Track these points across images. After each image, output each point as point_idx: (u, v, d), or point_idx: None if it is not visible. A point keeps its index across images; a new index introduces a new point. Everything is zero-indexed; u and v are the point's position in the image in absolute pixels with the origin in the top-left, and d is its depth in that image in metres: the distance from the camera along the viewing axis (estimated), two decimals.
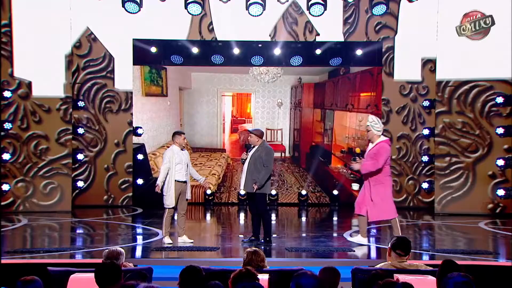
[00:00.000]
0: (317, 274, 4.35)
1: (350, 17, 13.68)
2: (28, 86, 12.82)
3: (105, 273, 4.38)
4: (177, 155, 8.98)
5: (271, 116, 15.07)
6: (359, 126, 14.64)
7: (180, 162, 8.96)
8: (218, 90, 15.04)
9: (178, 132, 9.22)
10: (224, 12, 13.16)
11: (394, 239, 5.34)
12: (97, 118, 13.77)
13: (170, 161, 8.90)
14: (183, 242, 9.07)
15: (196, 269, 4.37)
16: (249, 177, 8.81)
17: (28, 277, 4.20)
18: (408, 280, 4.44)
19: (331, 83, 14.97)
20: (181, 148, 9.09)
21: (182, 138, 9.12)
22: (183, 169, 9.01)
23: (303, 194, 14.51)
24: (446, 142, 13.08)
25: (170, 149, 9.10)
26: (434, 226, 11.67)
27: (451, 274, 4.04)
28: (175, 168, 8.92)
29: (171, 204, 8.93)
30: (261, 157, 8.81)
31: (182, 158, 9.00)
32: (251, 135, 8.99)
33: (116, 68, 13.74)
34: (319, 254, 8.43)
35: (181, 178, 8.99)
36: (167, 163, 8.91)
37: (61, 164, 12.94)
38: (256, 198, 8.89)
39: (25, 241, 10.06)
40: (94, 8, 13.00)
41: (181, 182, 8.99)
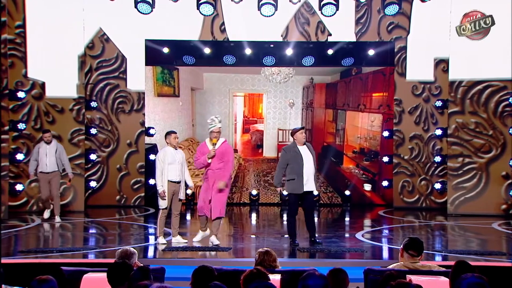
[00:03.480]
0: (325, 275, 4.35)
1: (362, 17, 13.65)
2: (41, 87, 12.91)
3: (117, 273, 4.40)
4: (169, 154, 8.98)
5: (283, 116, 15.06)
6: (371, 127, 14.61)
7: (173, 162, 8.96)
8: (230, 91, 15.06)
9: (169, 132, 9.22)
10: (236, 13, 13.17)
11: (407, 239, 5.32)
12: (110, 118, 13.83)
13: (162, 161, 8.93)
14: (177, 242, 9.10)
15: (209, 269, 4.38)
16: (315, 177, 8.92)
17: (43, 276, 4.23)
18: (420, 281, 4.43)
19: (343, 83, 14.94)
20: (174, 148, 9.09)
21: (173, 137, 9.09)
22: (177, 169, 9.00)
23: (315, 194, 14.41)
24: (459, 143, 13.00)
25: (162, 150, 9.16)
26: (447, 227, 11.61)
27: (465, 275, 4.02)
28: (167, 168, 8.92)
29: (164, 205, 8.98)
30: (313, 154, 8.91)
31: (175, 158, 8.99)
32: (304, 133, 8.96)
33: (128, 69, 13.79)
34: (331, 254, 8.42)
35: (175, 178, 9.00)
36: (160, 165, 8.95)
37: (74, 164, 12.99)
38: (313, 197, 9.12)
39: (38, 241, 10.12)
40: (107, 9, 13.05)
41: (174, 182, 9.00)
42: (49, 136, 11.36)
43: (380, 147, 14.43)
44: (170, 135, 9.12)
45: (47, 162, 11.26)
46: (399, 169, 13.86)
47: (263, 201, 14.54)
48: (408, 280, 4.50)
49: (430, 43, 13.39)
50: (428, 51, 13.50)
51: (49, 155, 11.27)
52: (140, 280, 4.21)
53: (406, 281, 4.26)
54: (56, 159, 11.32)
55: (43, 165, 11.27)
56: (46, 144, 11.31)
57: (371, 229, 11.29)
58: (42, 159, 11.26)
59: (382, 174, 14.33)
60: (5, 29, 11.85)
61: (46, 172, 11.29)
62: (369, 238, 9.92)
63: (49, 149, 11.28)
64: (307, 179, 8.84)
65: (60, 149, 11.44)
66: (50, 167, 11.27)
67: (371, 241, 9.62)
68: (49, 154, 11.27)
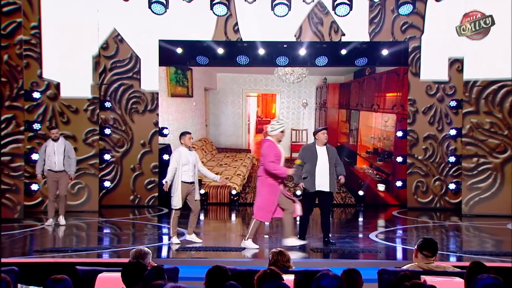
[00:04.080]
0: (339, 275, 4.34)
1: (376, 17, 13.60)
2: (56, 87, 13.00)
3: (132, 273, 4.42)
4: (184, 155, 8.98)
5: (296, 116, 15.05)
6: (385, 127, 14.55)
7: (187, 163, 8.97)
8: (243, 91, 15.08)
9: (184, 133, 9.21)
10: (249, 13, 13.18)
11: (421, 240, 5.29)
12: (124, 118, 13.90)
13: (177, 162, 8.95)
14: (191, 241, 9.12)
15: (223, 269, 4.39)
16: (333, 177, 8.95)
17: (58, 276, 4.26)
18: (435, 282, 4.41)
19: (356, 83, 14.90)
20: (188, 149, 9.10)
21: (188, 138, 9.08)
22: (190, 170, 9.01)
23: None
24: (474, 143, 12.92)
25: (177, 150, 9.16)
26: (461, 227, 11.54)
27: (481, 275, 3.99)
28: (182, 169, 8.93)
29: (178, 205, 9.00)
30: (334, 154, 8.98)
31: (189, 159, 8.99)
32: (326, 134, 8.99)
33: (142, 69, 13.85)
34: (345, 255, 8.40)
35: (188, 179, 9.02)
36: (174, 164, 8.96)
37: (88, 164, 13.09)
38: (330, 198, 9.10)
39: (53, 240, 10.19)
40: (121, 9, 13.10)
41: (187, 183, 9.01)
42: (56, 133, 11.08)
43: (394, 147, 14.38)
44: (185, 135, 9.12)
45: (56, 160, 10.93)
46: (413, 169, 13.79)
47: None
48: (423, 280, 4.49)
49: (445, 43, 13.31)
50: (442, 51, 13.43)
51: (57, 153, 10.95)
52: (154, 280, 4.23)
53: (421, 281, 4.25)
54: (64, 158, 10.97)
55: (52, 163, 10.93)
56: (53, 142, 10.99)
57: (385, 230, 11.26)
58: (50, 157, 10.93)
59: (396, 174, 14.27)
60: (20, 30, 11.94)
61: (54, 170, 10.95)
62: (383, 239, 9.89)
63: (57, 146, 10.96)
64: (321, 178, 8.87)
65: (68, 146, 11.13)
66: (58, 165, 10.93)
67: (385, 242, 9.59)
68: (57, 152, 10.95)
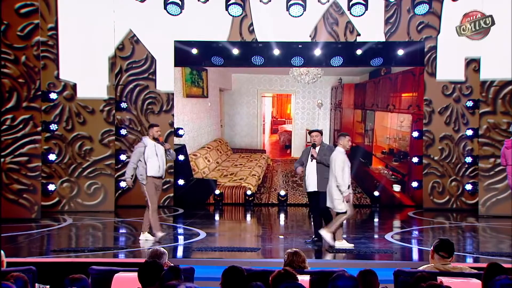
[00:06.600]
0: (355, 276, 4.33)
1: (392, 17, 13.54)
2: (73, 88, 13.09)
3: (149, 272, 4.45)
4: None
5: (311, 117, 15.02)
6: (401, 127, 14.48)
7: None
8: (258, 91, 15.08)
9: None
10: (264, 13, 13.18)
11: (437, 241, 5.27)
12: (139, 119, 13.96)
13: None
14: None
15: (239, 270, 4.41)
16: (321, 177, 8.93)
17: (76, 275, 4.30)
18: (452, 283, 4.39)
19: (372, 84, 14.84)
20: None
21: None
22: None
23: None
24: (491, 143, 12.82)
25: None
26: (478, 228, 11.46)
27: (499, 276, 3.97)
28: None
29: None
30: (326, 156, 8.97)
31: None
32: (318, 134, 9.11)
33: (157, 70, 13.90)
34: (360, 255, 8.38)
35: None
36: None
37: (104, 165, 13.17)
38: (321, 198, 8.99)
39: (70, 240, 10.28)
40: (137, 10, 13.17)
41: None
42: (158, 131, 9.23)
43: (409, 147, 14.30)
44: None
45: (160, 163, 9.12)
46: (429, 170, 13.71)
47: (292, 201, 14.52)
48: (439, 282, 4.46)
49: (461, 43, 13.18)
50: (458, 51, 13.32)
51: (159, 155, 9.15)
52: (171, 280, 4.25)
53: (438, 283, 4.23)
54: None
55: (154, 168, 9.07)
56: (154, 142, 9.17)
57: (400, 230, 11.20)
58: (152, 160, 9.04)
59: (412, 175, 14.20)
60: (38, 32, 12.04)
61: (157, 176, 9.16)
62: (399, 239, 9.86)
63: (158, 148, 9.16)
64: (308, 179, 9.06)
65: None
66: (162, 169, 9.21)
67: (400, 242, 9.55)
68: (159, 154, 9.15)
